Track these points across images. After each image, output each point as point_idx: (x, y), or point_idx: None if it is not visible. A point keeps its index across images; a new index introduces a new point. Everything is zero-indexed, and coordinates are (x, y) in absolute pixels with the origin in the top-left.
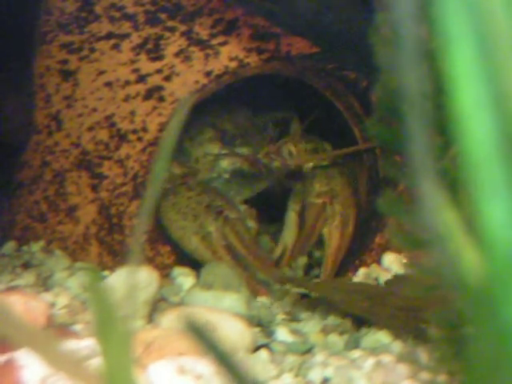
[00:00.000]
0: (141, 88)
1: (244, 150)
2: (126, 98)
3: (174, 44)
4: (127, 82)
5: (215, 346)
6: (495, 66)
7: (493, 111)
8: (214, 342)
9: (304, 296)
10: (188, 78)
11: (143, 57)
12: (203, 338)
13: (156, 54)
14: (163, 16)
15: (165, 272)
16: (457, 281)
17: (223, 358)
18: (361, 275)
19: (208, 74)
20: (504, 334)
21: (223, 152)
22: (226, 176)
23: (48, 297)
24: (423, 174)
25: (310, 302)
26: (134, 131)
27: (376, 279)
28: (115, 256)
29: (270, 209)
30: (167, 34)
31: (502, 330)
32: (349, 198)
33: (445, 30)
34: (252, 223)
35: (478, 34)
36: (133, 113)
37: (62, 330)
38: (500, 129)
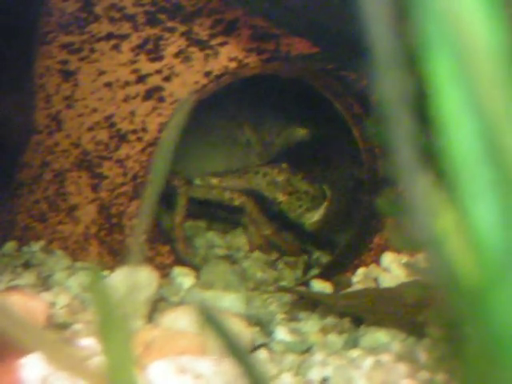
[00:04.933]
0: (140, 88)
1: None
2: (126, 99)
3: (173, 44)
4: (127, 83)
5: (233, 342)
6: (474, 73)
7: (474, 116)
8: (232, 338)
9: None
10: (188, 78)
11: (143, 57)
12: (220, 334)
13: (156, 55)
14: (163, 17)
15: (164, 272)
16: (450, 282)
17: (240, 354)
18: (360, 275)
19: (207, 74)
20: (496, 335)
21: None
22: None
23: (48, 296)
24: (415, 174)
25: (309, 302)
26: (134, 131)
27: (375, 279)
28: (115, 256)
29: None
30: (167, 35)
31: (493, 331)
32: None
33: (423, 39)
34: None
35: (456, 42)
36: (132, 113)
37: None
38: (482, 132)
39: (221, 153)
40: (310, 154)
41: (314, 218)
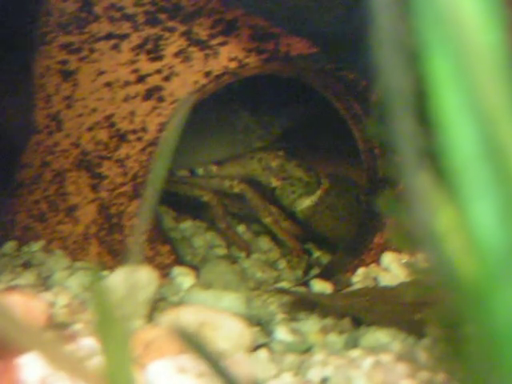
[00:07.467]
0: (140, 88)
1: None
2: (126, 99)
3: (173, 44)
4: (127, 83)
5: (204, 351)
6: (473, 73)
7: (473, 115)
8: (203, 347)
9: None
10: (187, 78)
11: (143, 57)
12: (192, 344)
13: (155, 55)
14: (163, 16)
15: (164, 271)
16: (450, 281)
17: (211, 362)
18: (360, 275)
19: (207, 74)
20: (496, 334)
21: None
22: None
23: (48, 296)
24: (415, 172)
25: (309, 302)
26: (134, 131)
27: (375, 279)
28: (115, 256)
29: None
30: (167, 35)
31: (493, 330)
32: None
33: (423, 39)
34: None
35: (455, 42)
36: (132, 113)
37: (63, 329)
38: (481, 131)
39: (221, 141)
40: (308, 137)
41: (304, 203)
